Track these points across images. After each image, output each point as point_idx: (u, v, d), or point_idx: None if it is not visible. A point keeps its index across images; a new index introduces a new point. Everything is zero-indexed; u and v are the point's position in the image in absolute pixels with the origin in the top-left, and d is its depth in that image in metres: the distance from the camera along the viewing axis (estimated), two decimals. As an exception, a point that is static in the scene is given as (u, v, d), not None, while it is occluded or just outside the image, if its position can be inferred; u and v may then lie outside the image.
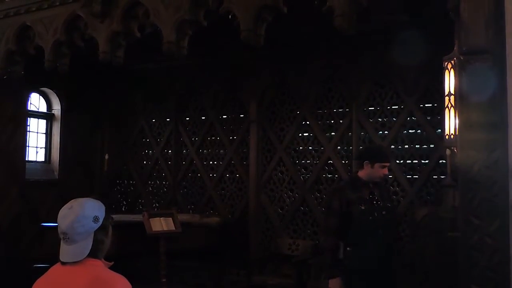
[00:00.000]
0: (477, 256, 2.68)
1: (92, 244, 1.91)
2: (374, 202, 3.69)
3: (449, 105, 2.97)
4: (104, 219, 1.97)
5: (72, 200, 1.97)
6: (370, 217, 3.63)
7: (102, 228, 1.95)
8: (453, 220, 3.25)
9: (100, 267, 1.93)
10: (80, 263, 1.90)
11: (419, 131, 5.56)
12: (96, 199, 2.04)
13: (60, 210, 1.95)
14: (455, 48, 2.90)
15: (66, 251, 1.90)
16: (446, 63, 2.97)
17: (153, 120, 7.47)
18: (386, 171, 3.78)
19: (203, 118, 7.03)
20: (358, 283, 3.61)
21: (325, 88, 6.10)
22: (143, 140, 7.54)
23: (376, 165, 3.69)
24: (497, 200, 2.65)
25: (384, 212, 3.69)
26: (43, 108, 7.38)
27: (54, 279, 1.93)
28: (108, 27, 4.24)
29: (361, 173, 3.79)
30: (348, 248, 3.67)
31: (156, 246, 5.14)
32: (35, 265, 4.87)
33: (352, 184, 3.81)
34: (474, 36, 2.48)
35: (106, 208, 2.02)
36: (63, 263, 1.92)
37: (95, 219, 1.93)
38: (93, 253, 1.92)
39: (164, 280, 5.04)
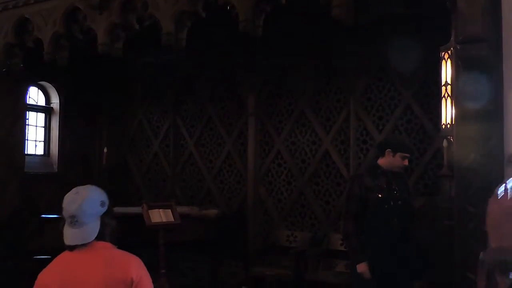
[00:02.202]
0: (472, 243, 2.72)
1: (100, 227, 1.94)
2: (391, 191, 3.72)
3: (446, 95, 3.00)
4: (110, 204, 2.02)
5: (77, 187, 2.01)
6: (386, 206, 3.67)
7: (108, 212, 2.00)
8: (449, 209, 3.28)
9: (111, 248, 1.96)
10: (90, 246, 1.93)
11: (416, 123, 5.59)
12: None
13: (66, 196, 1.98)
14: (451, 38, 2.93)
15: (74, 234, 1.93)
16: (443, 53, 2.99)
17: (152, 114, 7.48)
18: (406, 162, 3.81)
19: (201, 111, 7.05)
20: (371, 270, 3.64)
21: (322, 81, 6.12)
22: (142, 133, 7.56)
23: (398, 154, 3.72)
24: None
25: (400, 202, 3.73)
26: (42, 101, 7.39)
27: (66, 267, 1.94)
28: (107, 19, 4.25)
29: (381, 161, 3.81)
30: (362, 236, 3.71)
31: (155, 238, 5.17)
32: (35, 257, 4.90)
33: (371, 172, 3.84)
34: (470, 25, 2.50)
35: (109, 196, 2.07)
36: (72, 249, 1.94)
37: (102, 203, 1.98)
38: (101, 236, 1.96)
39: (163, 271, 5.06)
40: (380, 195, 3.67)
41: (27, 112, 7.00)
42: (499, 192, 1.95)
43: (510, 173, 2.68)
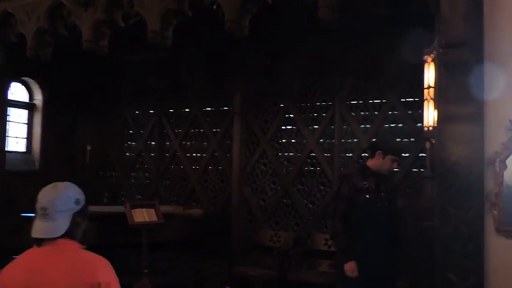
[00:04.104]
0: (452, 244, 2.76)
1: (70, 225, 1.91)
2: (379, 193, 3.75)
3: (428, 98, 3.03)
4: (85, 205, 1.99)
5: (56, 182, 1.99)
6: (374, 207, 3.71)
7: (81, 212, 1.97)
8: (431, 210, 3.32)
9: (79, 249, 1.93)
10: (57, 244, 1.89)
11: (400, 124, 5.65)
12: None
13: (42, 189, 1.95)
14: (435, 42, 2.96)
15: (42, 227, 1.89)
16: (426, 56, 3.03)
17: (137, 112, 7.43)
18: (396, 165, 3.85)
19: (186, 110, 7.02)
20: (359, 271, 3.67)
21: (308, 81, 6.15)
22: (126, 131, 7.51)
23: (388, 157, 3.75)
24: (473, 189, 2.73)
25: (387, 204, 3.76)
26: (24, 98, 7.29)
27: (32, 265, 1.90)
28: (92, 16, 4.20)
29: (371, 163, 3.84)
30: (349, 236, 3.74)
31: (138, 237, 5.14)
32: (14, 256, 4.84)
33: (360, 172, 3.87)
34: (452, 29, 2.54)
35: (86, 199, 2.04)
36: (39, 244, 1.90)
37: (77, 201, 1.95)
38: (70, 235, 1.92)
39: (146, 271, 5.04)
40: (368, 196, 3.70)
41: (9, 108, 6.91)
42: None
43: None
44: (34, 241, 1.92)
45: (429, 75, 3.02)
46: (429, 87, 3.02)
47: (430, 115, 3.04)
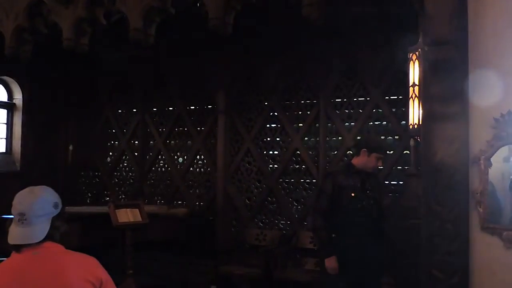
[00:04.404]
0: (438, 242, 2.76)
1: (49, 230, 1.87)
2: (364, 191, 3.75)
3: (413, 96, 3.03)
4: (62, 207, 1.95)
5: (32, 186, 1.93)
6: (359, 205, 3.71)
7: (60, 215, 1.93)
8: (416, 208, 3.33)
9: (65, 251, 1.89)
10: (42, 248, 1.85)
11: (384, 122, 5.67)
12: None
13: (18, 194, 1.90)
14: (419, 40, 2.97)
15: (20, 233, 1.83)
16: (411, 54, 3.03)
17: (119, 111, 7.35)
18: (381, 163, 3.86)
19: (170, 108, 6.96)
20: (341, 267, 3.66)
21: (293, 79, 6.13)
22: (109, 130, 7.41)
23: (373, 155, 3.76)
24: (458, 187, 2.73)
25: (372, 202, 3.77)
26: (3, 97, 7.15)
27: (19, 272, 1.83)
28: (73, 13, 4.12)
29: (356, 161, 3.84)
30: (333, 235, 3.73)
31: (123, 238, 5.07)
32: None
33: (345, 170, 3.86)
34: (438, 27, 2.54)
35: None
36: (18, 251, 1.85)
37: (55, 205, 1.91)
38: (50, 238, 1.88)
39: (130, 271, 4.97)
40: (353, 194, 3.70)
41: (-12, 108, 6.78)
42: None
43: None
44: (12, 248, 1.86)
45: (414, 73, 3.02)
46: (414, 85, 3.02)
47: (415, 113, 3.04)
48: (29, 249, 1.84)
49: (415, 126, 3.02)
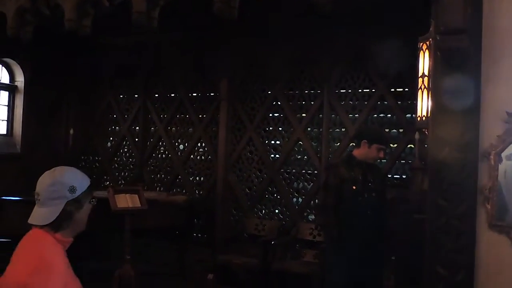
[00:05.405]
0: (443, 238, 2.70)
1: (60, 214, 1.80)
2: (366, 183, 3.69)
3: (423, 87, 2.95)
4: (83, 193, 1.87)
5: (59, 167, 1.90)
6: (360, 198, 3.66)
7: (76, 201, 1.85)
8: (420, 202, 3.26)
9: (47, 244, 1.80)
10: (38, 230, 1.82)
11: (389, 115, 5.58)
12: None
13: (44, 173, 1.88)
14: (431, 29, 2.87)
15: (34, 213, 1.83)
16: (421, 44, 2.94)
17: (121, 96, 7.27)
18: (382, 154, 3.79)
19: (172, 95, 6.88)
20: (345, 261, 3.61)
21: (297, 69, 6.03)
22: (110, 115, 7.34)
23: (374, 146, 3.70)
24: (466, 183, 2.66)
25: (374, 194, 3.71)
26: (5, 79, 7.07)
27: (22, 243, 1.85)
28: (75, -6, 4.04)
29: (357, 152, 3.78)
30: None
31: (121, 223, 5.03)
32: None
33: (346, 162, 3.79)
34: (451, 16, 2.44)
35: (91, 186, 1.93)
36: (31, 226, 1.85)
37: (72, 189, 1.83)
38: (57, 223, 1.81)
39: (128, 257, 4.93)
40: (354, 187, 3.64)
41: (-11, 89, 6.71)
42: None
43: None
44: (30, 228, 1.86)
45: (424, 63, 2.93)
46: (423, 75, 2.93)
47: (424, 105, 2.96)
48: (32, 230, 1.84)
49: (423, 118, 2.94)
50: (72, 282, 1.80)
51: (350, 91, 5.76)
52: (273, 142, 6.22)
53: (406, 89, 5.38)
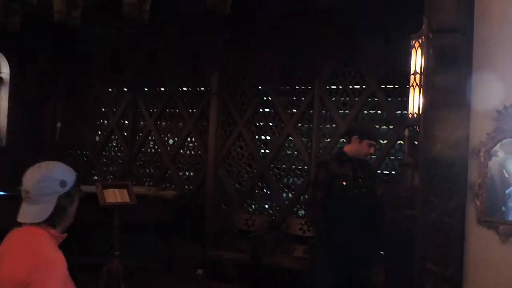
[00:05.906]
0: (434, 234, 2.72)
1: (53, 210, 1.78)
2: (356, 179, 3.70)
3: (414, 84, 2.96)
4: (72, 186, 1.86)
5: (43, 162, 1.86)
6: (350, 193, 3.67)
7: (68, 195, 1.84)
8: (410, 199, 3.29)
9: (44, 241, 1.77)
10: (30, 227, 1.78)
11: (379, 111, 5.61)
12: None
13: (28, 170, 1.83)
14: (423, 26, 2.88)
15: (25, 211, 1.78)
16: (413, 41, 2.95)
17: (110, 89, 7.19)
18: (372, 150, 3.81)
19: (162, 89, 6.83)
20: (334, 257, 3.63)
21: (288, 64, 6.02)
22: (99, 109, 7.27)
23: (365, 142, 3.71)
24: (457, 179, 2.69)
25: (364, 190, 3.72)
26: (-10, 70, 6.97)
27: (7, 242, 1.81)
28: (65, -15, 3.98)
29: (347, 148, 3.79)
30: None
31: (110, 218, 4.99)
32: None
33: (337, 158, 3.80)
34: (444, 14, 2.45)
35: (77, 179, 1.91)
36: (20, 224, 1.80)
37: (62, 183, 1.81)
38: (52, 218, 1.79)
39: (117, 253, 4.90)
40: (344, 183, 3.65)
41: (-26, 81, 6.59)
42: None
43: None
44: (18, 225, 1.82)
45: (416, 61, 2.94)
46: (415, 73, 2.94)
47: (415, 102, 2.97)
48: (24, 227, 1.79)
49: (415, 115, 2.95)
50: (68, 278, 1.78)
51: (341, 87, 5.77)
52: (263, 137, 6.21)
53: (397, 86, 5.40)
